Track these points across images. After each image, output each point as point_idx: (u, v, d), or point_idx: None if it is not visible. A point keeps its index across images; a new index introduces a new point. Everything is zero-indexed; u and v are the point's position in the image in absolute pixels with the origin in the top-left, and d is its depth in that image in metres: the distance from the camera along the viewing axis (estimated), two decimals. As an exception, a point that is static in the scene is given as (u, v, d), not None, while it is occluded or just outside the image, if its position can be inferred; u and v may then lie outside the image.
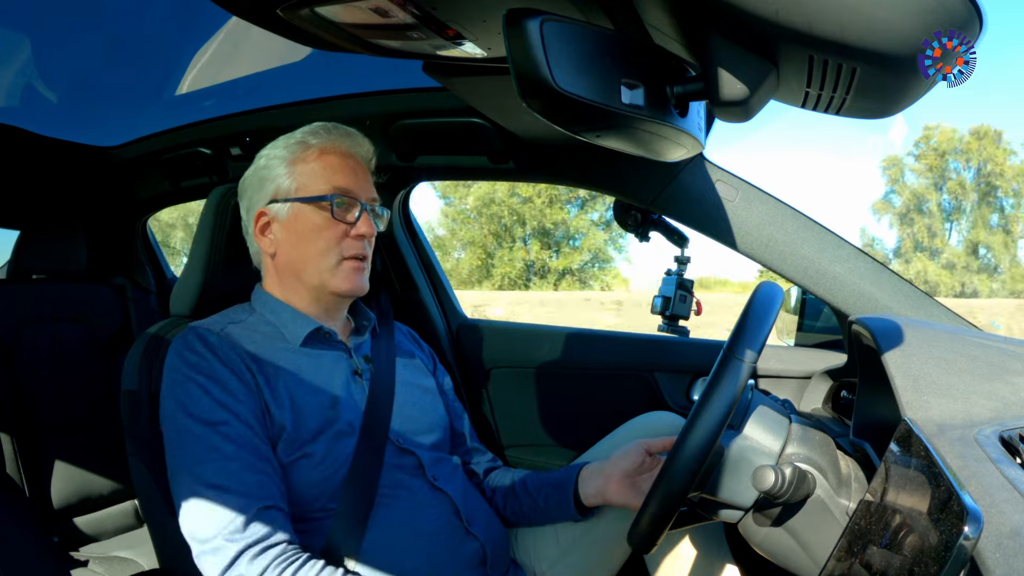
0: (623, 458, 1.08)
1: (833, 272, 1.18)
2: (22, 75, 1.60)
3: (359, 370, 1.09)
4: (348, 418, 1.01)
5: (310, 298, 1.08)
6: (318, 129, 1.08)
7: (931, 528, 0.52)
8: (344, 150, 1.08)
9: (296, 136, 1.08)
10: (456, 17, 0.74)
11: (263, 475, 0.91)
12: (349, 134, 1.09)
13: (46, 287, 1.75)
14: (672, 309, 1.46)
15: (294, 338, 1.05)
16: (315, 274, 1.05)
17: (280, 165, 1.06)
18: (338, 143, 1.07)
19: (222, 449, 0.90)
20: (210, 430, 0.91)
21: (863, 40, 0.50)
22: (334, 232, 1.04)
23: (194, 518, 0.88)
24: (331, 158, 1.06)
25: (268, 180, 1.06)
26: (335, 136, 1.08)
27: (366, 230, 1.05)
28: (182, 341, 0.99)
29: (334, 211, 1.03)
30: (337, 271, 1.04)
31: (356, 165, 1.08)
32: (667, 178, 1.26)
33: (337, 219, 1.03)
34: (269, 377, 0.98)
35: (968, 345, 0.81)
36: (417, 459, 1.06)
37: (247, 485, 0.88)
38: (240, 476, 0.89)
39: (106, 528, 1.74)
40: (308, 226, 1.04)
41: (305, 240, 1.04)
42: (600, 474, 1.09)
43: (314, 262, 1.04)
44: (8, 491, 1.38)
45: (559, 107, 0.56)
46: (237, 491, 0.88)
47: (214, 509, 0.87)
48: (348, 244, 1.04)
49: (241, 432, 0.92)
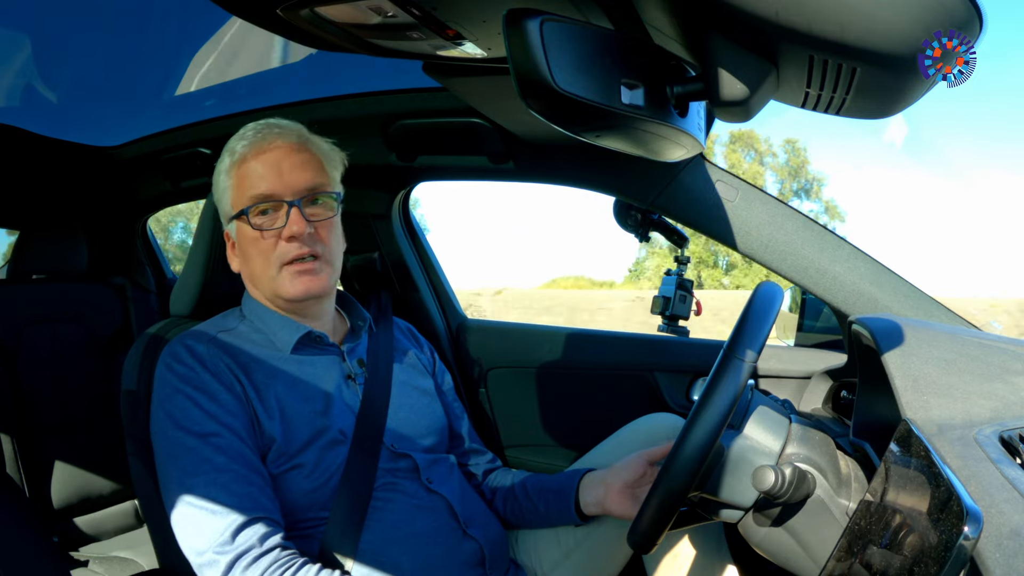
0: (624, 469, 1.07)
1: (833, 272, 1.18)
2: (22, 75, 1.60)
3: (352, 374, 1.08)
4: (340, 425, 1.00)
5: (280, 305, 1.06)
6: (243, 132, 1.04)
7: (931, 528, 0.52)
8: (264, 146, 1.01)
9: (228, 144, 1.05)
10: (456, 17, 0.74)
11: (253, 486, 0.90)
12: (269, 127, 1.03)
13: (46, 287, 1.75)
14: (672, 309, 1.46)
15: (285, 345, 1.04)
16: (265, 285, 1.03)
17: (223, 179, 1.05)
18: (257, 143, 1.02)
19: (213, 461, 0.90)
20: (200, 442, 0.91)
21: (863, 40, 0.50)
22: (265, 242, 1.00)
23: (187, 532, 0.89)
24: (249, 165, 1.01)
25: (219, 199, 1.06)
26: (254, 135, 1.03)
27: (295, 229, 0.98)
28: (171, 353, 0.99)
29: (252, 222, 1.00)
30: (280, 279, 1.01)
31: (282, 158, 1.01)
32: (667, 178, 1.26)
33: (259, 229, 0.99)
34: (259, 387, 0.98)
35: (968, 345, 0.81)
36: (413, 462, 1.05)
37: (238, 497, 0.88)
38: (230, 488, 0.88)
39: (106, 528, 1.74)
40: (246, 241, 1.02)
41: (247, 256, 1.03)
42: (601, 484, 1.09)
43: (260, 275, 1.03)
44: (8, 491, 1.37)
45: (559, 107, 0.56)
46: (227, 503, 0.87)
47: (205, 522, 0.87)
48: (283, 249, 1.00)
49: (231, 443, 0.92)
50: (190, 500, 0.88)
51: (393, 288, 1.68)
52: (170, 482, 0.92)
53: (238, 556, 0.86)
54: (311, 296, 1.03)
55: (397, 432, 1.06)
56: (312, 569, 0.88)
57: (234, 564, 0.85)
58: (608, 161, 1.31)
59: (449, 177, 1.59)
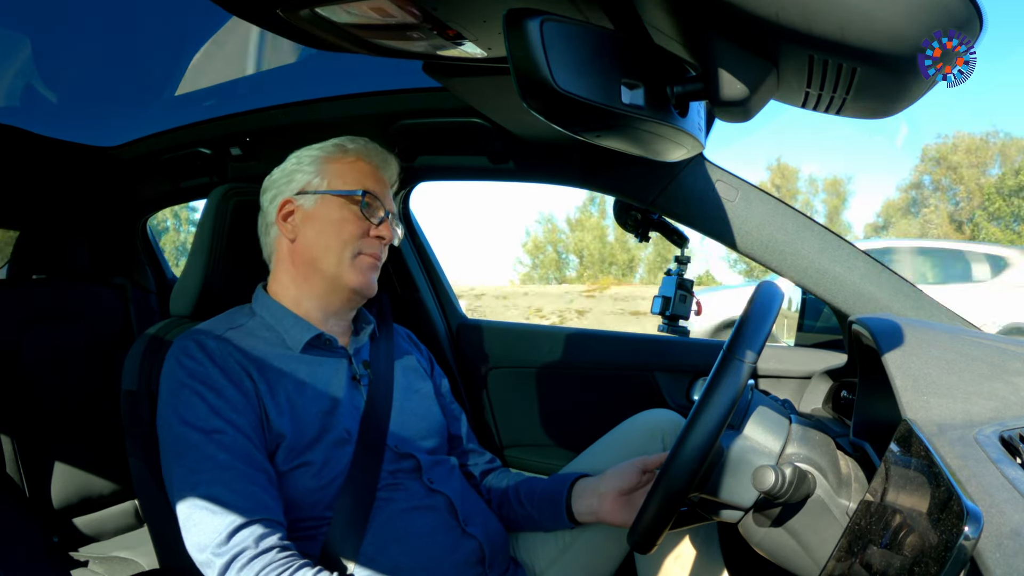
0: (616, 477, 1.07)
1: (833, 272, 1.18)
2: (22, 75, 1.60)
3: (358, 376, 1.08)
4: (346, 425, 1.01)
5: (321, 290, 1.08)
6: (356, 139, 1.13)
7: (931, 528, 0.52)
8: (377, 163, 1.13)
9: (333, 140, 1.13)
10: (456, 17, 0.74)
11: (256, 485, 0.90)
12: (382, 153, 1.15)
13: (46, 287, 1.75)
14: (672, 309, 1.46)
15: (295, 344, 1.04)
16: (333, 264, 1.06)
17: (312, 163, 1.10)
18: (372, 157, 1.12)
19: (216, 458, 0.90)
20: (205, 438, 0.91)
21: (863, 40, 0.50)
22: (357, 227, 1.07)
23: (189, 529, 0.88)
24: (363, 164, 1.11)
25: (299, 174, 1.10)
26: (370, 150, 1.13)
27: (387, 233, 1.09)
28: (180, 347, 0.99)
29: (362, 207, 1.07)
30: (354, 264, 1.07)
31: (384, 179, 1.13)
32: (667, 178, 1.26)
33: (363, 216, 1.07)
34: (270, 383, 0.98)
35: (968, 345, 0.81)
36: (416, 462, 1.06)
37: (239, 495, 0.88)
38: (233, 486, 0.88)
39: (106, 528, 1.74)
40: (334, 217, 1.07)
41: (328, 230, 1.07)
42: (594, 493, 1.09)
43: (334, 252, 1.06)
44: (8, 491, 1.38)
45: (559, 107, 0.56)
46: (228, 501, 0.87)
47: (206, 520, 0.87)
48: (368, 242, 1.08)
49: (235, 441, 0.92)
50: (192, 497, 0.88)
51: (393, 288, 1.68)
52: (174, 478, 0.92)
53: (234, 557, 0.85)
54: (368, 292, 1.10)
55: (399, 434, 1.07)
56: (310, 572, 0.87)
57: (229, 565, 0.85)
58: (608, 161, 1.31)
59: (449, 177, 1.59)
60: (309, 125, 1.50)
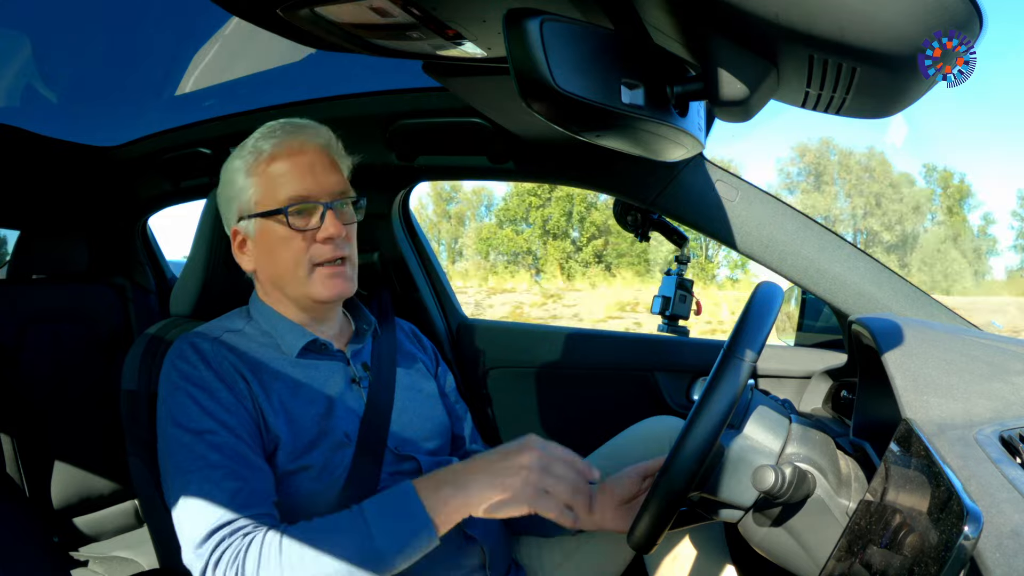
0: (616, 485, 1.06)
1: (833, 272, 1.18)
2: (22, 75, 1.60)
3: (356, 378, 1.07)
4: (344, 428, 1.00)
5: (297, 308, 1.06)
6: (267, 132, 1.03)
7: (931, 528, 0.52)
8: (296, 147, 1.01)
9: (248, 144, 1.04)
10: (456, 17, 0.74)
11: (247, 483, 0.90)
12: (300, 128, 1.03)
13: (46, 287, 1.75)
14: (672, 309, 1.46)
15: (290, 349, 1.03)
16: (294, 286, 1.02)
17: (239, 178, 1.03)
18: (288, 141, 1.01)
19: (207, 457, 0.89)
20: (196, 439, 0.91)
21: (863, 40, 0.50)
22: (299, 242, 1.00)
23: (180, 528, 0.88)
24: (282, 163, 1.00)
25: (232, 197, 1.04)
26: (284, 135, 1.02)
27: (332, 231, 0.99)
28: (176, 350, 0.99)
29: (290, 222, 0.98)
30: (312, 280, 1.01)
31: (314, 159, 1.01)
32: (667, 178, 1.26)
33: (296, 229, 0.99)
34: (264, 385, 0.98)
35: (968, 345, 0.81)
36: (417, 464, 1.05)
37: (229, 494, 0.87)
38: (223, 484, 0.88)
39: (106, 528, 1.74)
40: (274, 240, 1.01)
41: (275, 255, 1.02)
42: (595, 503, 1.07)
43: (290, 274, 1.02)
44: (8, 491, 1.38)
45: (559, 107, 0.56)
46: (219, 501, 0.87)
47: (194, 518, 0.86)
48: (316, 250, 1.00)
49: (228, 441, 0.91)
50: (183, 497, 0.88)
51: (393, 288, 1.68)
52: (167, 478, 0.92)
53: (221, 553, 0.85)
54: (342, 297, 1.04)
55: (401, 436, 1.06)
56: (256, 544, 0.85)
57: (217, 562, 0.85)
58: (608, 161, 1.31)
59: (449, 177, 1.59)
60: None
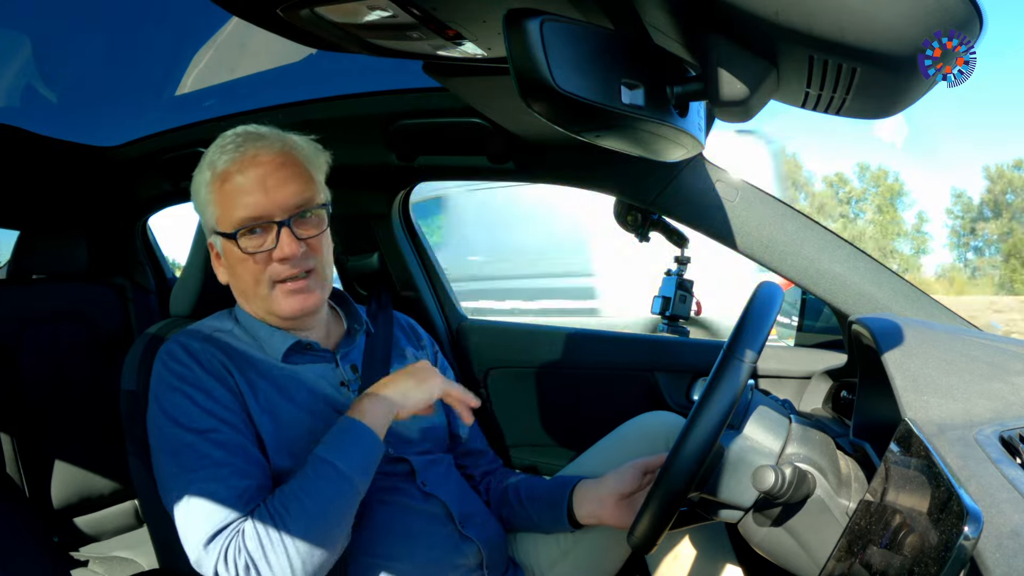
0: (617, 480, 1.07)
1: (833, 272, 1.18)
2: (22, 75, 1.60)
3: (345, 381, 1.07)
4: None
5: (272, 320, 1.05)
6: (225, 143, 1.00)
7: (931, 528, 0.52)
8: (248, 160, 0.98)
9: (208, 156, 1.01)
10: (456, 17, 0.74)
11: (252, 479, 0.90)
12: (252, 139, 1.00)
13: (46, 287, 1.75)
14: (672, 309, 1.46)
15: (275, 352, 1.03)
16: (257, 303, 1.03)
17: (203, 191, 1.02)
18: (240, 156, 0.98)
19: (212, 455, 0.89)
20: (199, 437, 0.91)
21: (863, 40, 0.50)
22: (255, 264, 0.98)
23: (184, 527, 0.88)
24: (234, 181, 0.97)
25: (202, 211, 1.04)
26: (238, 148, 0.99)
27: (287, 251, 0.97)
28: (166, 351, 0.99)
29: (241, 246, 0.97)
30: (273, 297, 1.00)
31: (267, 174, 0.97)
32: (667, 178, 1.26)
33: (249, 252, 0.97)
34: (252, 385, 0.98)
35: (968, 345, 0.81)
36: (409, 465, 1.05)
37: (236, 491, 0.88)
38: (228, 481, 0.88)
39: (106, 528, 1.74)
40: (234, 259, 1.00)
41: (237, 272, 1.02)
42: (595, 497, 1.08)
43: (251, 292, 1.01)
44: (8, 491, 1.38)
45: (559, 107, 0.56)
46: (225, 499, 0.87)
47: (201, 516, 0.86)
48: (274, 269, 0.99)
49: (230, 438, 0.92)
50: (188, 496, 0.88)
51: (393, 288, 1.68)
52: (168, 478, 0.92)
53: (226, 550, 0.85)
54: (306, 313, 1.02)
55: (394, 436, 1.05)
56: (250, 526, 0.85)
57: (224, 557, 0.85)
58: (608, 161, 1.31)
59: (449, 177, 1.59)
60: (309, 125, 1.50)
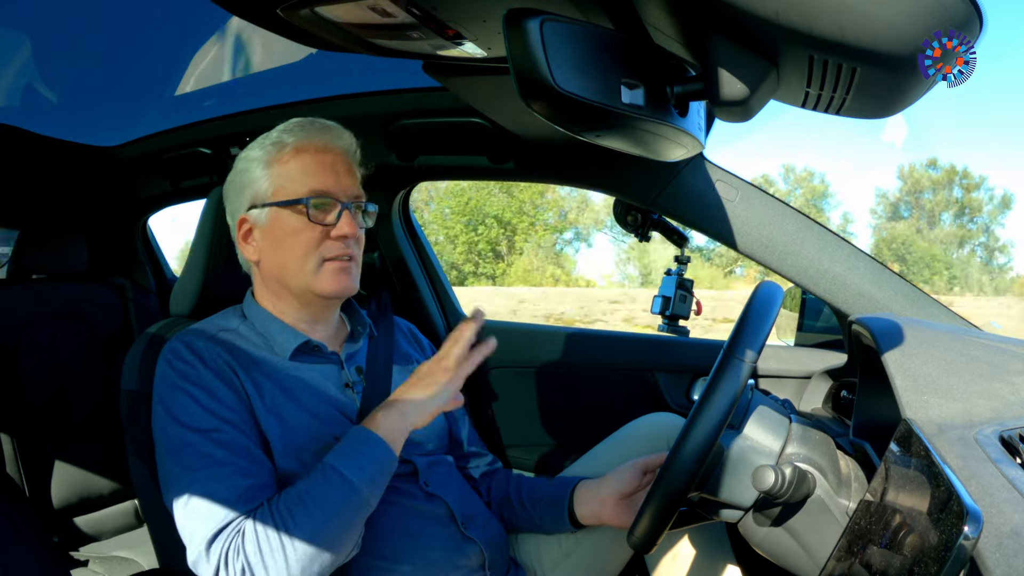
0: (617, 480, 1.07)
1: (833, 272, 1.18)
2: (22, 75, 1.60)
3: (350, 382, 1.07)
4: (335, 432, 0.99)
5: (298, 304, 1.05)
6: (293, 127, 1.04)
7: (931, 528, 0.52)
8: (321, 146, 1.02)
9: (272, 136, 1.04)
10: (456, 17, 0.74)
11: (253, 479, 0.90)
12: (327, 128, 1.04)
13: (46, 287, 1.75)
14: (672, 309, 1.46)
15: (283, 351, 1.03)
16: (299, 278, 1.02)
17: (257, 168, 1.03)
18: (315, 139, 1.02)
19: (214, 455, 0.89)
20: (201, 437, 0.90)
21: (863, 40, 0.50)
22: (313, 235, 1.00)
23: (185, 527, 0.88)
24: (306, 157, 1.02)
25: (246, 185, 1.04)
26: (311, 132, 1.03)
27: (348, 230, 1.01)
28: (170, 350, 0.99)
29: (310, 214, 0.99)
30: (320, 273, 1.01)
31: (336, 160, 1.03)
32: (667, 178, 1.26)
33: (314, 222, 1.00)
34: (258, 386, 0.98)
35: (968, 345, 0.81)
36: (412, 466, 1.05)
37: (237, 491, 0.88)
38: (230, 481, 0.88)
39: (106, 528, 1.74)
40: (287, 230, 1.01)
41: (285, 245, 1.01)
42: (596, 498, 1.08)
43: (296, 266, 1.02)
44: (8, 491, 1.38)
45: (559, 107, 0.56)
46: (226, 498, 0.87)
47: (202, 516, 0.86)
48: (328, 246, 1.01)
49: (234, 437, 0.91)
50: (189, 495, 0.88)
51: (393, 288, 1.68)
52: (170, 477, 0.92)
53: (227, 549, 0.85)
54: (346, 295, 1.05)
55: None
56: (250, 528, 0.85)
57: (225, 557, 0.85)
58: (608, 161, 1.31)
59: (449, 177, 1.59)
60: None
